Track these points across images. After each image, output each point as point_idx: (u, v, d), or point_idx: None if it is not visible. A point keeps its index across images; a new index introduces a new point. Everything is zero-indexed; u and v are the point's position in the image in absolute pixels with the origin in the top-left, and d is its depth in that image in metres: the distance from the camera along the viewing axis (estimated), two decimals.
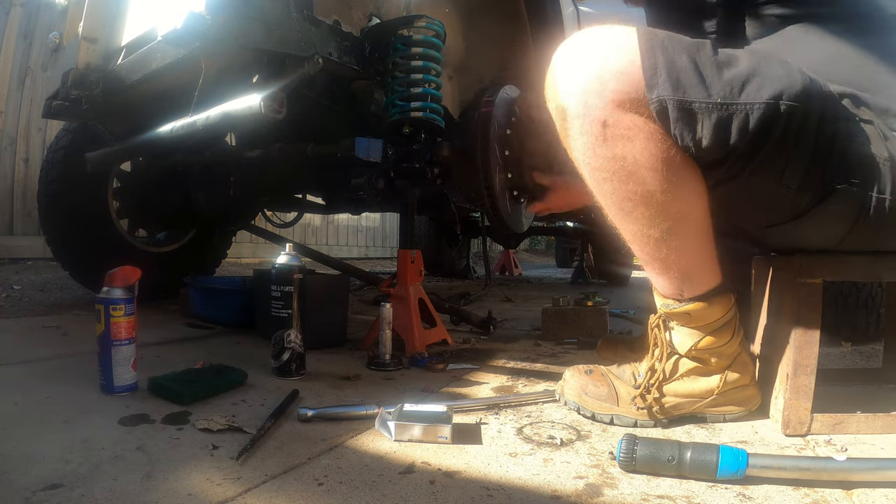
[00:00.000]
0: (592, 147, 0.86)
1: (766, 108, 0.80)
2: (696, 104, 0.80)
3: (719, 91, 0.80)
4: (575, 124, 0.86)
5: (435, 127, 1.55)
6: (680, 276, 0.95)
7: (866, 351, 1.67)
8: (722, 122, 0.80)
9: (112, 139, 1.85)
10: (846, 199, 0.87)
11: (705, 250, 0.94)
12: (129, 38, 1.57)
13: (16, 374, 1.22)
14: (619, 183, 0.86)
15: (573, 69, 0.86)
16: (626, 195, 0.87)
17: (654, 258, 0.94)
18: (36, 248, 3.42)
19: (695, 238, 0.92)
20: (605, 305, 1.96)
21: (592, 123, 0.84)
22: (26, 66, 3.57)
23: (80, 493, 0.68)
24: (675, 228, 0.89)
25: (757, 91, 0.80)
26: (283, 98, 1.24)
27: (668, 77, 0.80)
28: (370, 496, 0.71)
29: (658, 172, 0.84)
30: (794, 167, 0.85)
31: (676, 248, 0.91)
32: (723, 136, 0.81)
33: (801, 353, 0.94)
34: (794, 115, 0.81)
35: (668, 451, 0.78)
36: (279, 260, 1.28)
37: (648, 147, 0.83)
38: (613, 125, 0.83)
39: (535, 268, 8.15)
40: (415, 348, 1.53)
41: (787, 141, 0.82)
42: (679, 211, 0.88)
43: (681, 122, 0.81)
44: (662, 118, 0.81)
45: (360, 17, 1.48)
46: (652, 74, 0.81)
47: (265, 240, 2.80)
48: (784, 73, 0.83)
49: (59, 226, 2.16)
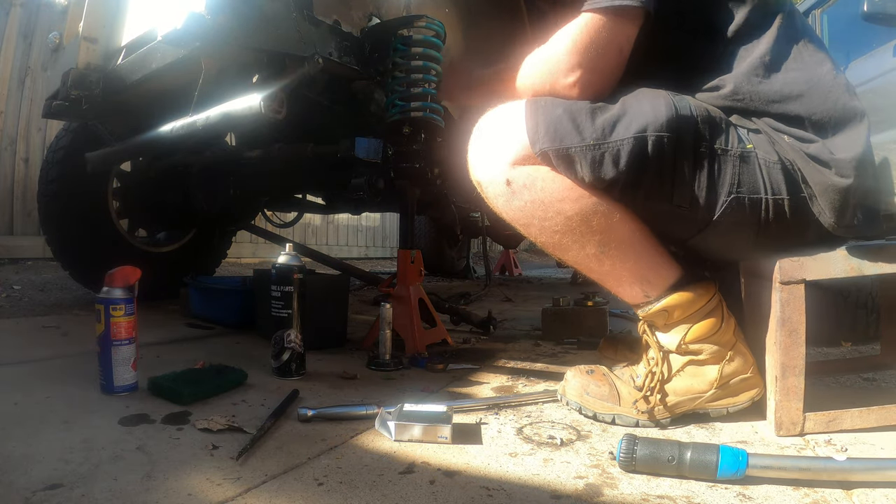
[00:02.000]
0: (506, 202, 1.00)
1: (634, 141, 0.90)
2: (572, 149, 0.93)
3: (591, 134, 0.92)
4: (488, 191, 1.02)
5: (435, 127, 1.55)
6: (636, 280, 1.01)
7: (866, 351, 1.67)
8: (596, 160, 0.92)
9: (112, 139, 1.85)
10: (740, 208, 0.95)
11: (648, 251, 1.00)
12: (129, 38, 1.57)
13: (16, 374, 1.22)
14: (538, 222, 0.99)
15: (477, 150, 1.02)
16: (550, 229, 0.98)
17: (603, 274, 1.02)
18: (36, 248, 3.42)
19: (630, 244, 0.99)
20: (605, 305, 1.96)
21: (498, 185, 0.99)
22: (26, 66, 3.57)
23: (80, 493, 0.68)
24: (606, 241, 0.97)
25: (625, 129, 0.91)
26: (283, 98, 1.24)
27: (545, 132, 0.94)
28: (370, 496, 0.71)
29: (565, 201, 0.96)
30: (681, 188, 0.94)
31: (616, 257, 0.99)
32: (599, 172, 0.92)
33: (788, 355, 0.94)
34: (662, 143, 0.90)
35: (668, 451, 0.78)
36: (279, 260, 1.28)
37: (547, 186, 0.96)
38: (514, 180, 0.98)
39: (535, 268, 8.15)
40: (415, 348, 1.53)
41: (664, 165, 0.92)
42: (600, 224, 0.96)
43: (563, 165, 0.94)
44: (549, 164, 0.95)
45: (360, 17, 1.48)
46: (534, 133, 0.94)
47: (265, 240, 2.80)
48: (650, 108, 0.92)
49: (59, 226, 2.16)
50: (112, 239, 2.23)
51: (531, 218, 0.99)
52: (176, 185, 2.22)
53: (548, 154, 0.93)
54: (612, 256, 0.99)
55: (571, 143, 0.92)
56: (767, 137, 0.97)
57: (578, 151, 0.92)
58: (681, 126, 0.92)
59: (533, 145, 0.94)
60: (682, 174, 0.93)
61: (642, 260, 1.00)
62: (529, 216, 0.99)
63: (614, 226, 0.97)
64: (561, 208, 0.96)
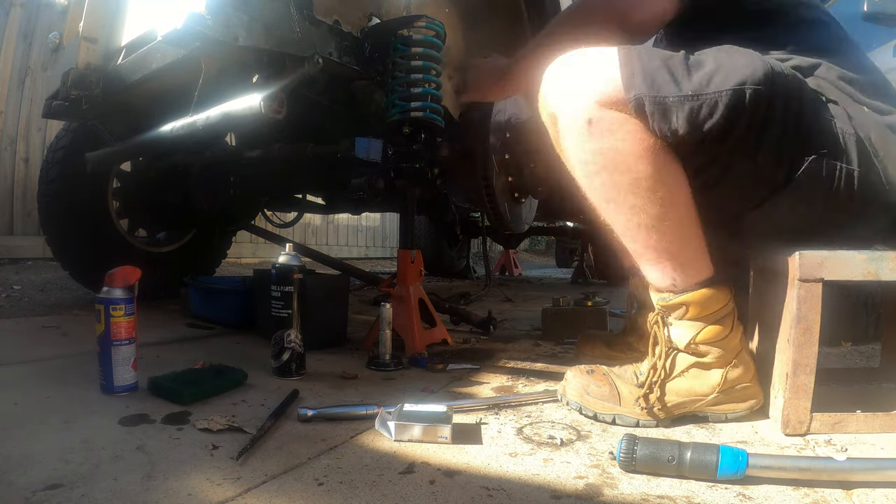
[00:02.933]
0: (580, 143, 0.95)
1: (732, 93, 0.89)
2: (669, 98, 0.90)
3: (689, 86, 0.90)
4: (564, 125, 0.97)
5: (435, 127, 1.55)
6: (672, 265, 0.98)
7: (866, 351, 1.67)
8: (693, 111, 0.90)
9: (112, 139, 1.85)
10: (817, 171, 0.95)
11: (694, 239, 0.98)
12: (129, 38, 1.57)
13: (16, 374, 1.22)
14: (606, 174, 0.94)
15: (560, 81, 0.98)
16: (614, 185, 0.94)
17: (645, 247, 0.98)
18: (36, 248, 3.42)
19: (682, 225, 0.96)
20: (605, 305, 1.96)
21: (579, 122, 0.94)
22: (26, 66, 3.57)
23: (80, 493, 0.68)
24: (662, 215, 0.94)
25: (723, 81, 0.90)
26: (283, 98, 1.24)
27: (643, 79, 0.90)
28: (370, 496, 0.71)
29: (641, 160, 0.92)
30: (767, 145, 0.93)
31: (666, 234, 0.96)
32: (695, 123, 0.90)
33: (801, 353, 0.94)
34: (759, 98, 0.90)
35: (668, 452, 0.78)
36: (279, 260, 1.28)
37: (630, 139, 0.92)
38: (597, 121, 0.92)
39: (535, 268, 8.15)
40: (415, 348, 1.53)
41: (755, 121, 0.91)
42: (664, 197, 0.93)
43: (657, 115, 0.90)
44: (640, 114, 0.91)
45: (360, 17, 1.48)
46: (629, 77, 0.91)
47: (265, 240, 2.80)
48: (746, 62, 0.92)
49: (59, 226, 2.16)
50: (112, 239, 2.23)
51: (601, 166, 0.94)
52: (176, 185, 2.22)
53: (642, 100, 0.90)
54: (663, 232, 0.95)
55: (669, 93, 0.90)
56: (843, 111, 0.99)
57: (675, 102, 0.90)
58: (776, 82, 0.92)
59: (627, 90, 0.90)
60: (771, 131, 0.92)
61: (688, 246, 0.98)
62: (601, 163, 0.94)
63: (676, 203, 0.94)
64: (636, 166, 0.92)
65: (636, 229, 0.97)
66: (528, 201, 1.76)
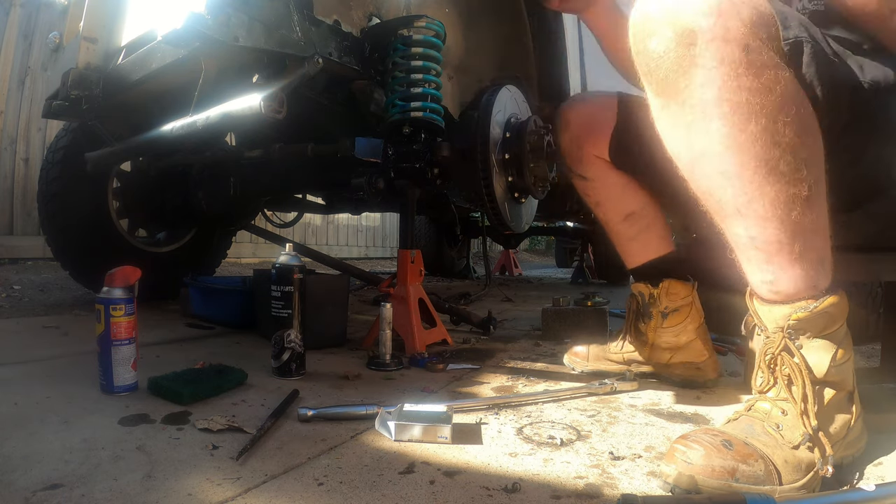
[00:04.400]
0: (735, 76, 0.70)
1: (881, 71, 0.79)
2: (828, 52, 0.77)
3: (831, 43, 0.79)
4: (710, 49, 0.70)
5: (435, 127, 1.55)
6: (818, 257, 0.75)
7: (866, 351, 1.67)
8: (842, 73, 0.78)
9: (112, 139, 1.86)
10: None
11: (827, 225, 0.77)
12: (129, 38, 1.57)
13: (16, 374, 1.22)
14: (767, 121, 0.70)
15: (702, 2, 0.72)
16: (775, 136, 0.70)
17: (794, 231, 0.73)
18: (36, 248, 3.42)
19: (824, 204, 0.75)
20: (605, 305, 1.96)
21: (734, 47, 0.69)
22: (26, 66, 3.57)
23: (80, 493, 0.68)
24: (817, 188, 0.73)
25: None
26: (283, 98, 1.24)
27: (799, 24, 0.76)
28: (370, 496, 0.71)
29: (805, 107, 0.73)
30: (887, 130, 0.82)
31: (821, 212, 0.74)
32: (844, 87, 0.78)
33: None
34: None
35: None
36: (279, 260, 1.28)
37: (791, 79, 0.72)
38: (756, 51, 0.70)
39: (535, 268, 8.15)
40: (415, 348, 1.53)
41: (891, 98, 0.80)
42: (820, 159, 0.74)
43: (814, 65, 0.75)
44: (796, 58, 0.75)
45: (360, 17, 1.48)
46: (784, 19, 0.75)
47: (265, 240, 2.80)
48: None
49: (59, 226, 2.16)
50: (112, 239, 2.23)
51: (759, 108, 0.70)
52: (176, 185, 2.22)
53: (801, 45, 0.75)
54: (817, 211, 0.73)
55: (826, 49, 0.77)
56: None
57: (832, 56, 0.78)
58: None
59: (785, 29, 0.74)
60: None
61: (826, 232, 0.76)
62: (758, 106, 0.70)
63: (823, 178, 0.74)
64: (797, 116, 0.71)
65: (787, 206, 0.72)
66: (528, 201, 1.76)
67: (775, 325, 0.77)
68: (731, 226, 0.76)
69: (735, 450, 0.72)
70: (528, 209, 1.82)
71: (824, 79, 0.76)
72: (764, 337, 0.79)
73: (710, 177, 0.75)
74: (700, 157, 0.75)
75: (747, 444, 0.74)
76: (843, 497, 0.71)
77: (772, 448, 0.73)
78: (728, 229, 0.77)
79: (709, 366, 1.26)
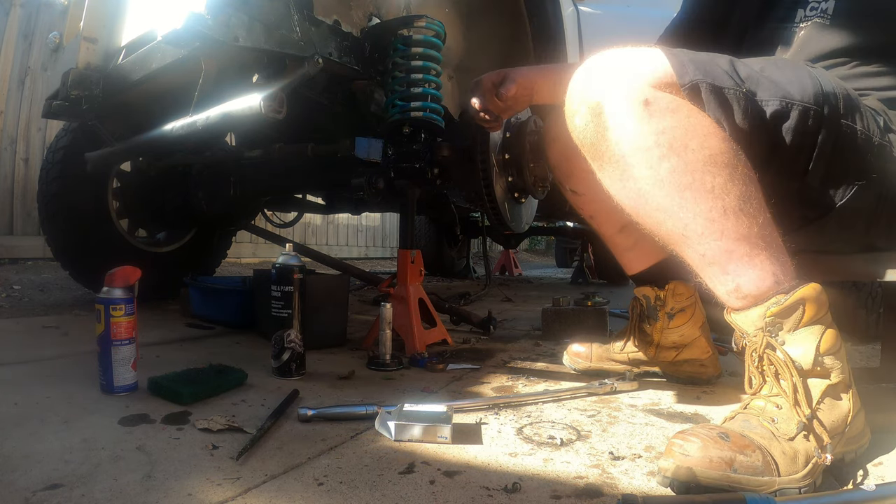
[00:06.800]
0: (639, 127, 0.81)
1: (779, 104, 0.84)
2: (726, 90, 0.84)
3: (741, 84, 0.85)
4: (614, 111, 0.82)
5: (435, 127, 1.55)
6: (769, 256, 0.80)
7: (866, 351, 1.67)
8: (748, 111, 0.84)
9: (112, 139, 1.86)
10: (867, 195, 0.90)
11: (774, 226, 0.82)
12: (129, 38, 1.57)
13: (16, 374, 1.22)
14: (676, 156, 0.79)
15: (604, 68, 0.86)
16: (687, 166, 0.79)
17: (736, 239, 0.79)
18: (36, 248, 3.42)
19: (766, 207, 0.81)
20: (605, 305, 1.96)
21: (633, 104, 0.81)
22: (26, 66, 3.57)
23: (80, 493, 0.68)
24: (747, 194, 0.79)
25: (770, 92, 0.85)
26: (283, 98, 1.24)
27: (696, 68, 0.84)
28: (370, 496, 0.71)
29: (712, 135, 0.81)
30: (817, 164, 0.88)
31: (757, 217, 0.79)
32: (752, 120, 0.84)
33: None
34: (808, 115, 0.85)
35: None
36: (279, 260, 1.28)
37: (695, 115, 0.82)
38: (655, 101, 0.81)
39: (535, 268, 8.16)
40: (415, 348, 1.53)
41: (805, 138, 0.86)
42: (745, 174, 0.80)
43: (714, 101, 0.83)
44: (695, 99, 0.83)
45: (360, 17, 1.48)
46: (681, 67, 0.84)
47: (265, 240, 2.80)
48: (795, 77, 0.87)
49: (59, 226, 2.16)
50: (112, 239, 2.23)
51: (668, 147, 0.79)
52: (176, 185, 2.22)
53: (698, 86, 0.83)
54: (753, 215, 0.79)
55: (725, 84, 0.84)
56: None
57: (732, 94, 0.84)
58: (827, 101, 0.86)
59: (681, 77, 0.83)
60: (823, 150, 0.87)
61: (776, 232, 0.81)
62: (667, 144, 0.80)
63: (755, 181, 0.81)
64: (709, 141, 0.80)
65: (721, 217, 0.78)
66: (528, 201, 1.76)
67: (754, 327, 0.80)
68: (684, 251, 0.83)
69: (732, 441, 0.73)
70: (528, 209, 1.82)
71: (722, 116, 0.84)
72: (747, 342, 0.82)
73: (650, 214, 0.84)
74: (637, 200, 0.84)
75: (744, 435, 0.75)
76: (843, 497, 0.71)
77: (769, 440, 0.74)
78: (684, 255, 0.84)
79: (712, 363, 1.29)
